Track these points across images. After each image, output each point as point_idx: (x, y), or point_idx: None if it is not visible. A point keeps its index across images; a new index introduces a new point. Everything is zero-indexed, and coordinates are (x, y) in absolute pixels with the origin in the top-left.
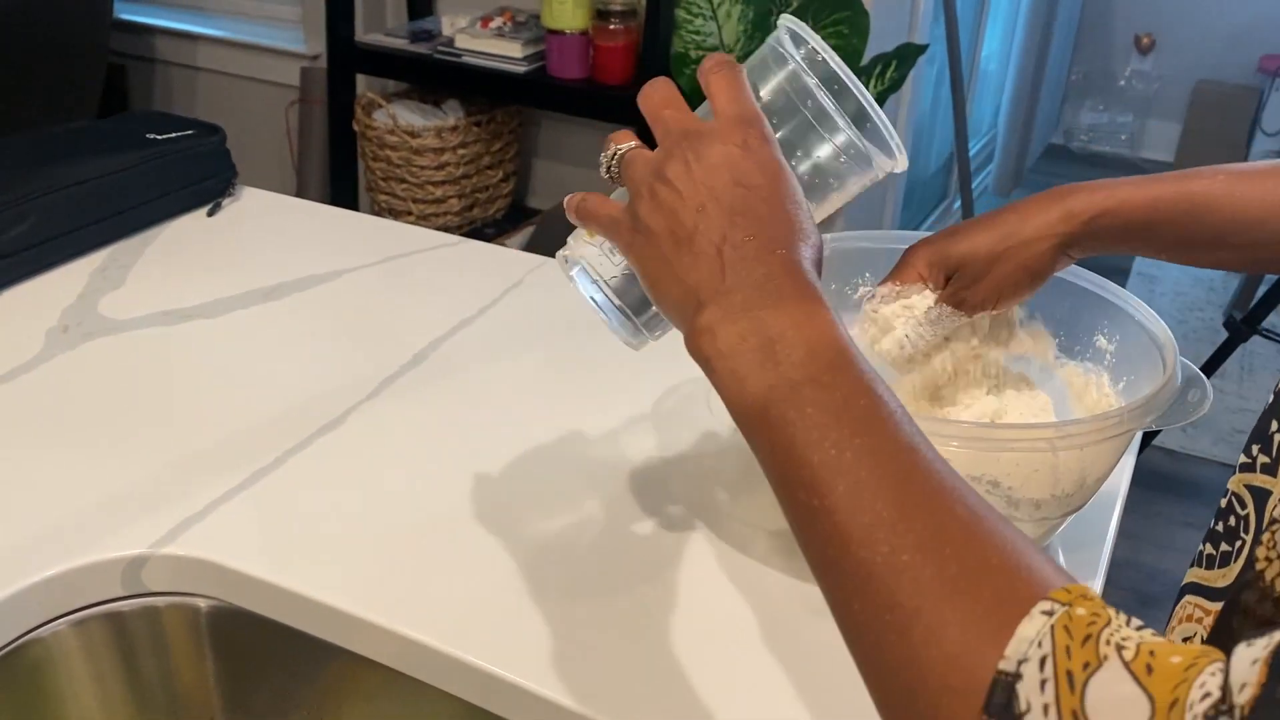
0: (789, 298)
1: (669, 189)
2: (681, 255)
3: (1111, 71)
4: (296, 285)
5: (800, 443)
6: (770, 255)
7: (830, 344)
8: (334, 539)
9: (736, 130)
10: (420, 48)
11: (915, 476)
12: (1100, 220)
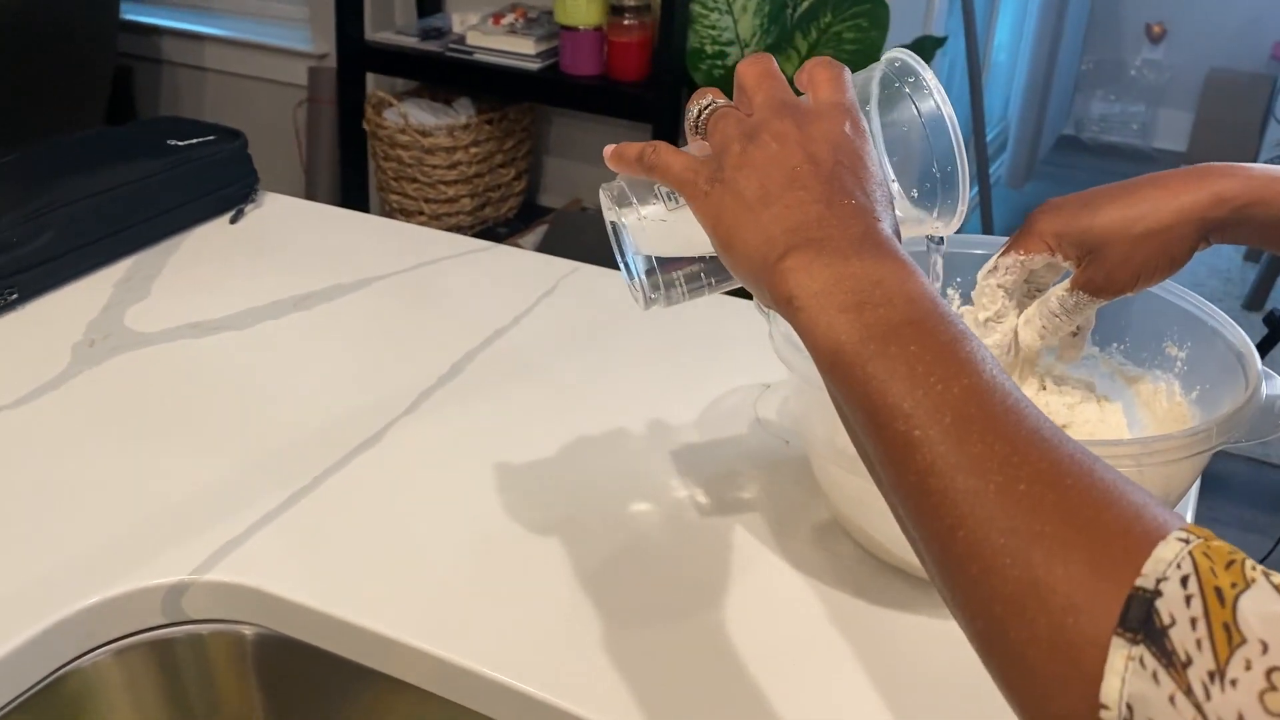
0: (888, 254)
1: (764, 148)
2: (770, 206)
3: (1123, 61)
4: (325, 294)
5: (902, 376)
6: (868, 217)
7: (930, 297)
8: (377, 561)
9: (840, 113)
10: (430, 46)
11: (1025, 417)
12: (1253, 209)
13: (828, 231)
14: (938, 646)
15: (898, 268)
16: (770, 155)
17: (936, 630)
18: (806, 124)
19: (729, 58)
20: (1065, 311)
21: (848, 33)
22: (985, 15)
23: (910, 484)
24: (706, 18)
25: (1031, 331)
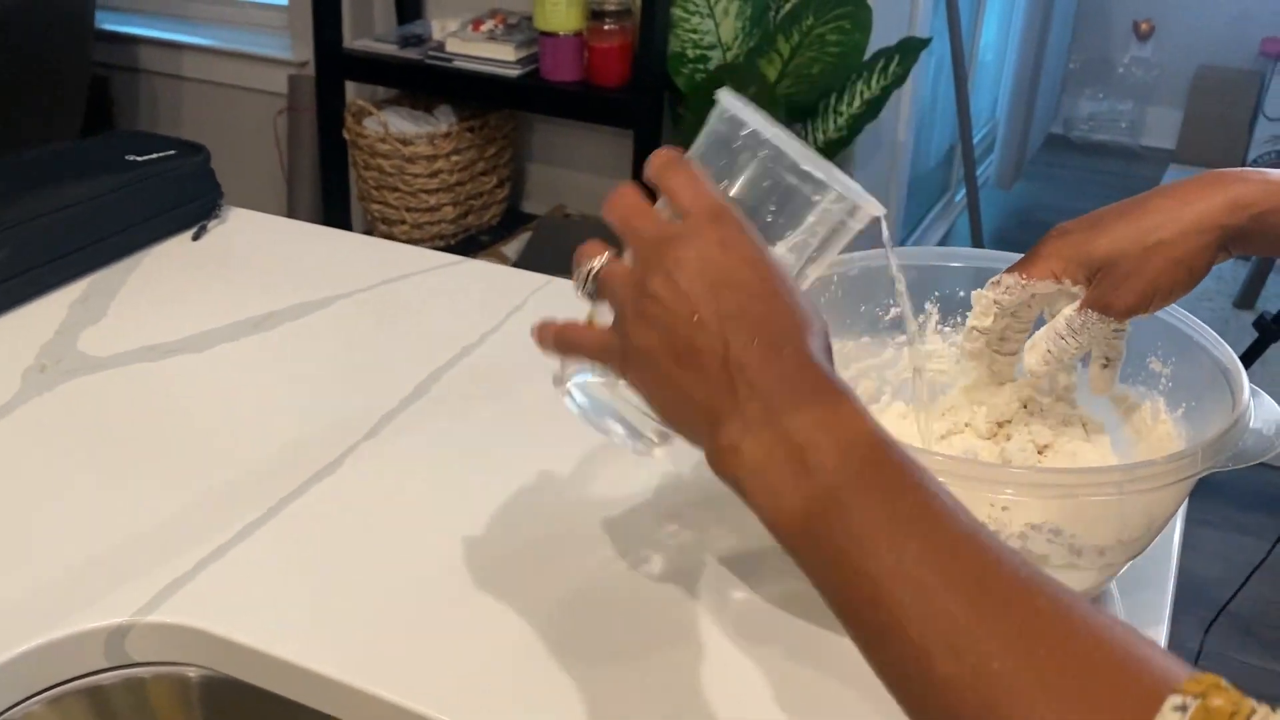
0: (808, 398)
1: (656, 304)
2: (685, 372)
3: (1110, 59)
4: (288, 314)
5: (853, 554)
6: (778, 355)
7: (863, 439)
8: (330, 598)
9: (709, 228)
10: (410, 53)
11: (986, 572)
12: (1273, 216)
13: (745, 392)
14: None
15: (822, 413)
16: (664, 313)
17: None
18: (683, 259)
19: (711, 62)
20: (1072, 333)
21: (830, 35)
22: (971, 15)
23: (892, 671)
24: (688, 21)
25: (1036, 356)
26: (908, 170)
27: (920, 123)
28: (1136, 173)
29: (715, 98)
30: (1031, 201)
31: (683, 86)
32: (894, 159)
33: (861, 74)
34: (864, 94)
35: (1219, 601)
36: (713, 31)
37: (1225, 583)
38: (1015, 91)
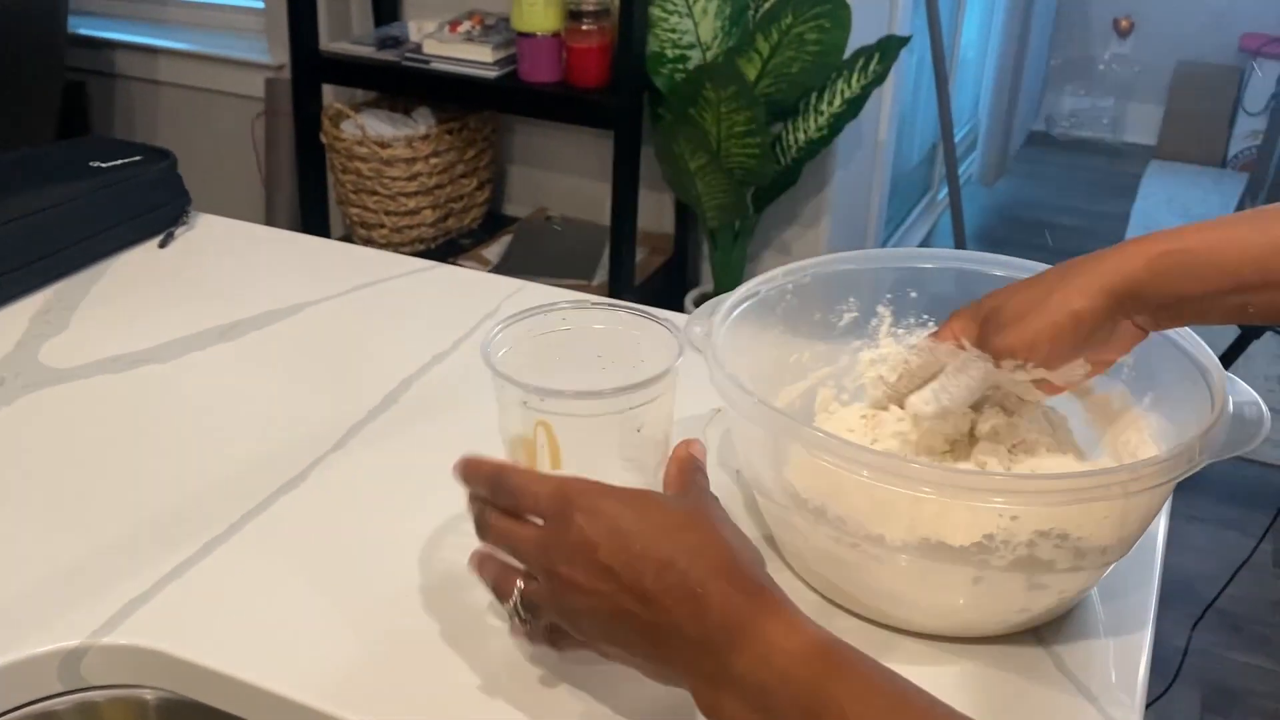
0: (739, 634)
1: (575, 614)
2: (636, 652)
3: (1091, 56)
4: (255, 322)
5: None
6: (693, 598)
7: (804, 657)
8: (292, 618)
9: (563, 512)
10: (387, 55)
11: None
12: (1166, 265)
13: (684, 653)
14: None
15: (760, 645)
16: (584, 617)
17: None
18: (568, 560)
19: (690, 61)
20: (955, 371)
21: (810, 34)
22: (952, 12)
23: None
24: (666, 21)
25: (921, 395)
26: (890, 169)
27: (902, 121)
28: (1118, 169)
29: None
30: (1014, 198)
31: (662, 86)
32: (876, 158)
33: (842, 73)
34: (845, 93)
35: (1206, 598)
36: (691, 31)
37: (1212, 579)
38: (997, 89)
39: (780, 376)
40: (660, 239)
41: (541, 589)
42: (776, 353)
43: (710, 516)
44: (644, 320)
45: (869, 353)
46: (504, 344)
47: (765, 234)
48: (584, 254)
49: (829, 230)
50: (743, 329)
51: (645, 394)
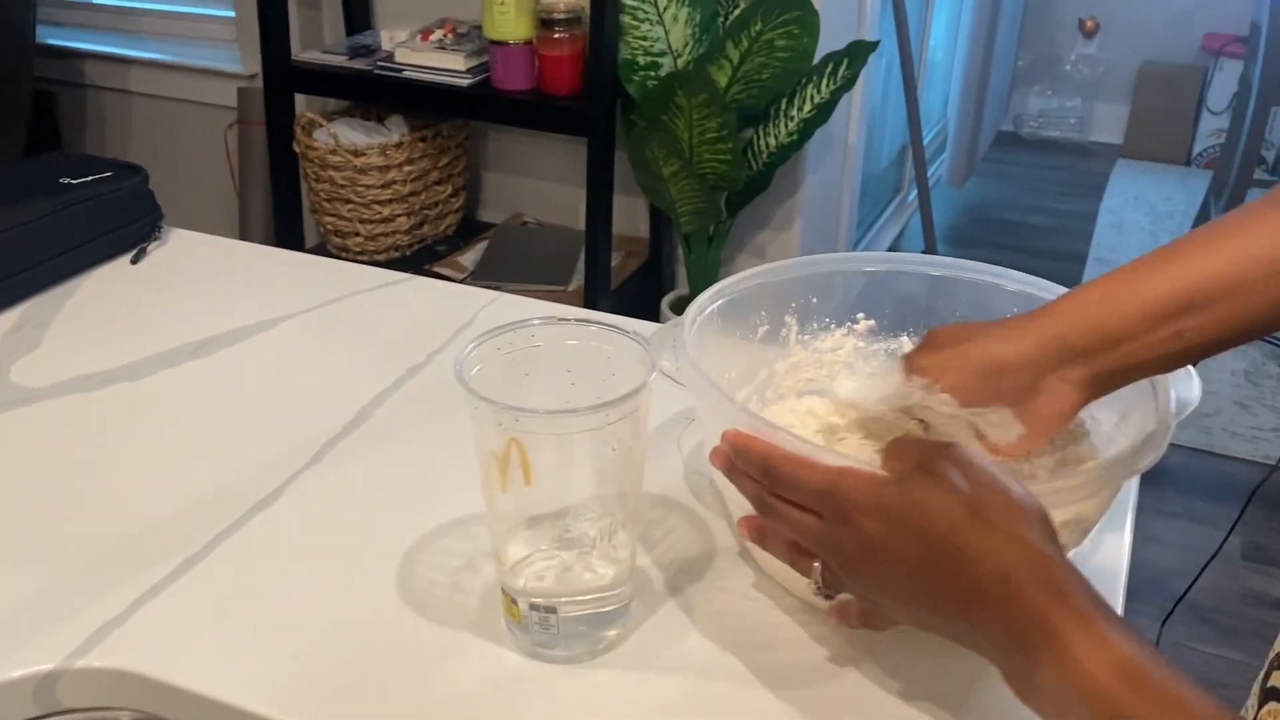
0: (1044, 645)
1: (875, 602)
2: (947, 636)
3: (1057, 56)
4: (228, 338)
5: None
6: (991, 601)
7: (1106, 680)
8: (272, 637)
9: (838, 512)
10: (359, 64)
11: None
12: (1084, 304)
13: (999, 656)
14: (863, 679)
15: (1060, 668)
16: (897, 613)
17: (846, 659)
18: (864, 569)
19: (662, 69)
20: (881, 374)
21: (779, 40)
22: (919, 16)
23: None
24: (637, 29)
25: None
26: (860, 171)
27: (871, 124)
28: (1086, 167)
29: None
30: (984, 199)
31: (634, 94)
32: (846, 161)
33: (811, 78)
34: (814, 98)
35: (1176, 592)
36: (663, 38)
37: (1182, 573)
38: (965, 90)
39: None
40: (636, 243)
41: (839, 577)
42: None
43: (992, 500)
44: (615, 335)
45: (782, 363)
46: (477, 361)
47: (739, 238)
48: (560, 259)
49: (801, 233)
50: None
51: (619, 410)
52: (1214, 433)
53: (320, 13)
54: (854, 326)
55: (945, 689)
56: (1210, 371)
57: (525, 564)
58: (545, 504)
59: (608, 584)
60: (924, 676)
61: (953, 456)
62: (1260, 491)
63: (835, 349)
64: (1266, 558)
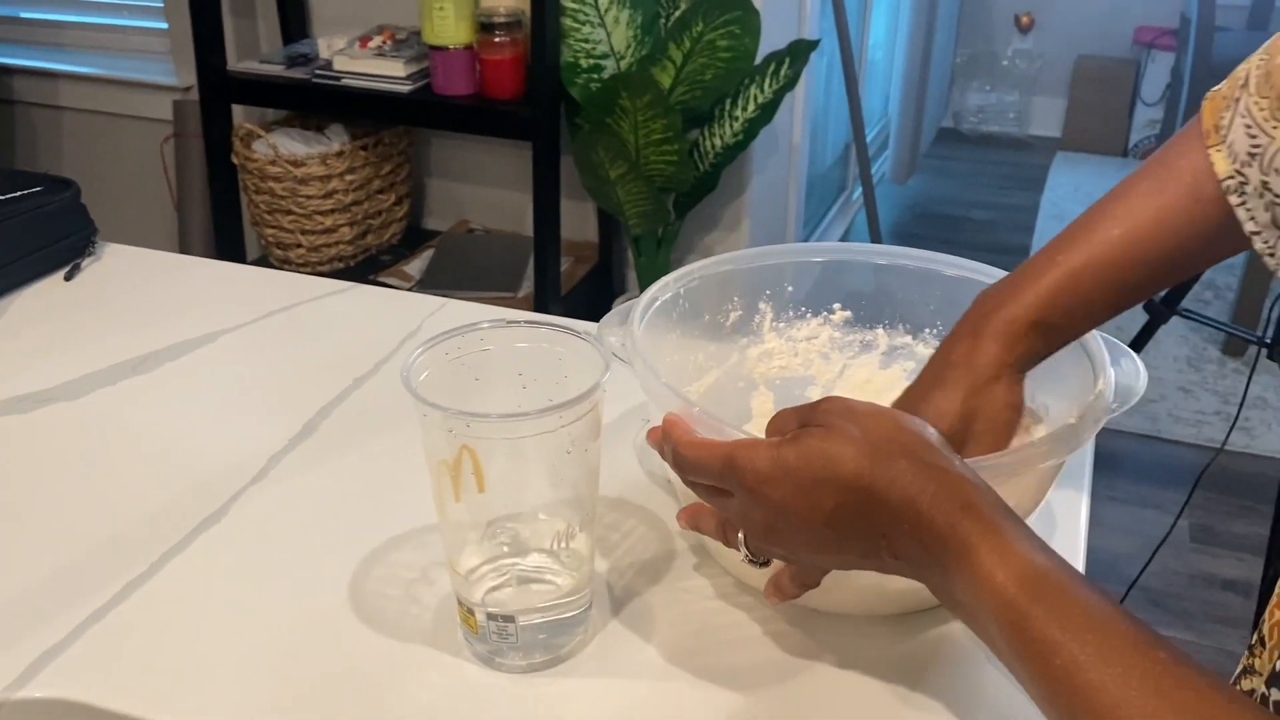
0: (955, 559)
1: (799, 560)
2: (870, 569)
3: (994, 52)
4: (169, 353)
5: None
6: (902, 530)
7: (1012, 591)
8: (220, 660)
9: (742, 484)
10: (297, 73)
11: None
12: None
13: (920, 575)
14: (819, 677)
15: (978, 586)
16: (822, 561)
17: (813, 653)
18: (778, 532)
19: (605, 71)
20: None
21: (721, 40)
22: (859, 15)
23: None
24: (579, 31)
25: None
26: (805, 170)
27: (815, 123)
28: (1025, 161)
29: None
30: (927, 194)
31: (578, 96)
32: (791, 160)
33: (754, 78)
34: (758, 98)
35: (1129, 576)
36: (605, 41)
37: (1134, 557)
38: (905, 88)
39: (683, 379)
40: (585, 247)
41: (763, 546)
42: (677, 356)
43: (885, 432)
44: (566, 336)
45: (756, 348)
46: (424, 368)
47: (688, 239)
48: (508, 265)
49: (750, 232)
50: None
51: (573, 412)
52: (1159, 418)
53: (255, 22)
54: (830, 316)
55: (902, 678)
56: (1153, 358)
57: (481, 573)
58: (500, 511)
59: (566, 590)
60: (882, 668)
61: (834, 406)
62: (1206, 474)
63: (811, 338)
64: (1215, 540)
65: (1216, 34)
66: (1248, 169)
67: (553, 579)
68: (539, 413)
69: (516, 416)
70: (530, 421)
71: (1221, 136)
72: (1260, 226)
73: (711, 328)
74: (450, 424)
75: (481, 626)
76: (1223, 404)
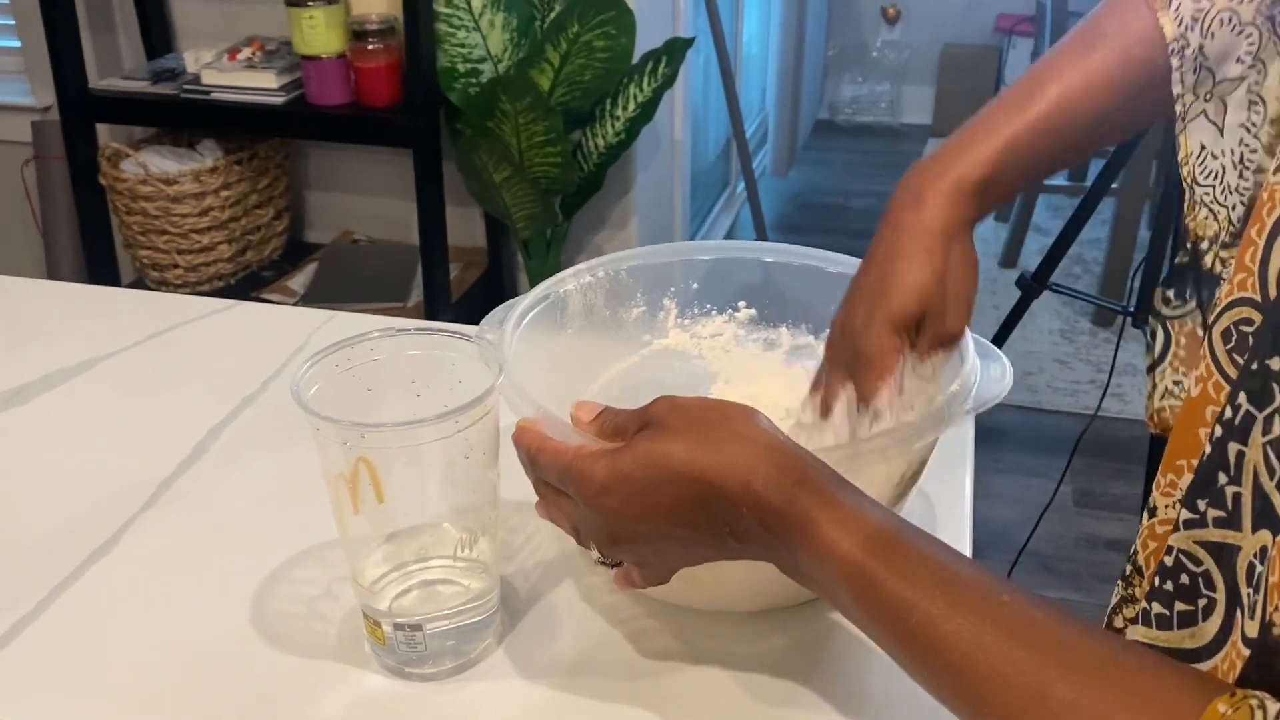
0: (797, 534)
1: (643, 561)
2: (718, 562)
3: (864, 44)
4: (44, 383)
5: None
6: (745, 510)
7: (857, 557)
8: (122, 692)
9: (579, 491)
10: (164, 88)
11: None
12: (989, 184)
13: (767, 556)
14: (713, 679)
15: (823, 556)
16: (666, 560)
17: (716, 657)
18: (618, 535)
19: (483, 75)
20: (923, 378)
21: (597, 40)
22: (731, 11)
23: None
24: (454, 36)
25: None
26: (689, 166)
27: (695, 120)
28: (900, 149)
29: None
30: (807, 186)
31: (458, 101)
32: (674, 157)
33: (632, 77)
34: (637, 97)
35: (1018, 543)
36: (481, 44)
37: (1021, 524)
38: (781, 82)
39: (585, 374)
40: (473, 253)
41: (610, 551)
42: (573, 353)
43: (713, 422)
44: (457, 341)
45: (661, 342)
46: (315, 381)
47: (577, 239)
48: (396, 275)
49: (638, 230)
50: (537, 332)
51: (468, 417)
52: (1039, 390)
53: (116, 37)
54: (735, 314)
55: (799, 661)
56: (1030, 332)
57: (385, 583)
58: (401, 520)
59: (473, 595)
60: (788, 654)
61: (660, 407)
62: (1084, 440)
63: (715, 334)
64: (1096, 502)
65: (1070, 19)
66: (1190, 33)
67: (459, 585)
68: (434, 419)
69: (411, 425)
70: (426, 429)
71: (1168, 2)
72: (1184, 89)
73: (613, 324)
74: (345, 436)
75: (389, 638)
76: (1096, 373)
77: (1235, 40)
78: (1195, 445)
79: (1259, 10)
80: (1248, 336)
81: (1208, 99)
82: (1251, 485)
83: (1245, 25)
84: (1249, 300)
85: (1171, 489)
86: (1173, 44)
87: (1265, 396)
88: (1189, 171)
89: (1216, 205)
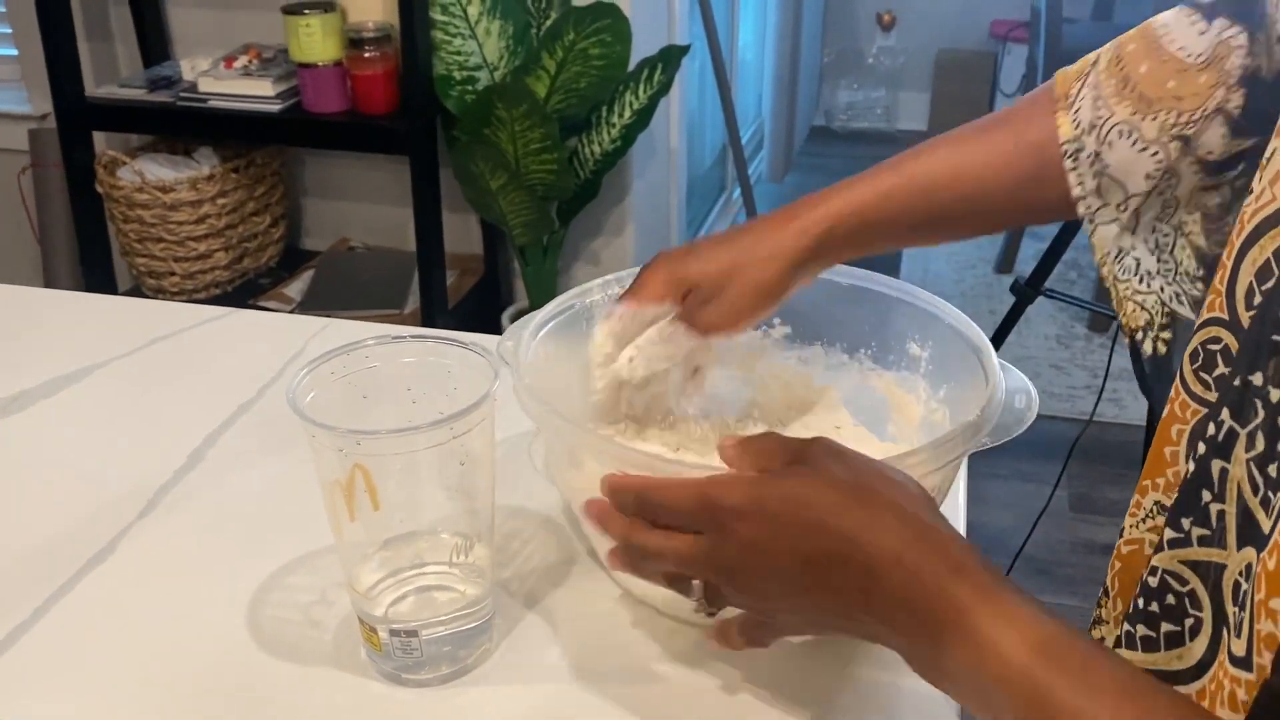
0: (950, 630)
1: (766, 611)
2: (844, 635)
3: (860, 50)
4: (41, 391)
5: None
6: (890, 589)
7: (1021, 660)
8: (118, 701)
9: (715, 521)
10: (161, 96)
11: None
12: (836, 230)
13: (903, 647)
14: (691, 684)
15: (981, 656)
16: (791, 619)
17: (694, 660)
18: (750, 577)
19: (479, 82)
20: (662, 341)
21: (593, 49)
22: (727, 18)
23: None
24: (450, 44)
25: (625, 361)
26: (685, 173)
27: (691, 127)
28: (895, 154)
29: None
30: (803, 192)
31: (454, 109)
32: (670, 164)
33: (628, 84)
34: (633, 104)
35: (1014, 548)
36: (477, 52)
37: (1017, 530)
38: (777, 88)
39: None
40: (470, 260)
41: (724, 592)
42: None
43: (872, 483)
44: (453, 348)
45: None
46: (311, 388)
47: (574, 246)
48: (393, 282)
49: (634, 237)
50: (555, 343)
51: (464, 424)
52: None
53: (113, 45)
54: (770, 331)
55: (796, 668)
56: (1025, 338)
57: (381, 589)
58: (397, 527)
59: (468, 602)
60: (793, 660)
61: (822, 447)
62: (1079, 445)
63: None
64: (1092, 507)
65: (1065, 25)
66: (1086, 137)
67: (455, 591)
68: (430, 426)
69: (407, 432)
70: (421, 435)
71: (1070, 103)
72: (1085, 193)
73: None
74: (340, 443)
75: (385, 644)
76: (1092, 378)
77: (1138, 157)
78: (1161, 464)
79: (1163, 129)
80: (1215, 355)
81: (1121, 209)
82: (1236, 502)
83: (1150, 143)
84: (1218, 320)
85: (1136, 509)
86: (1066, 144)
87: (1247, 412)
88: (1108, 271)
89: (1140, 295)
